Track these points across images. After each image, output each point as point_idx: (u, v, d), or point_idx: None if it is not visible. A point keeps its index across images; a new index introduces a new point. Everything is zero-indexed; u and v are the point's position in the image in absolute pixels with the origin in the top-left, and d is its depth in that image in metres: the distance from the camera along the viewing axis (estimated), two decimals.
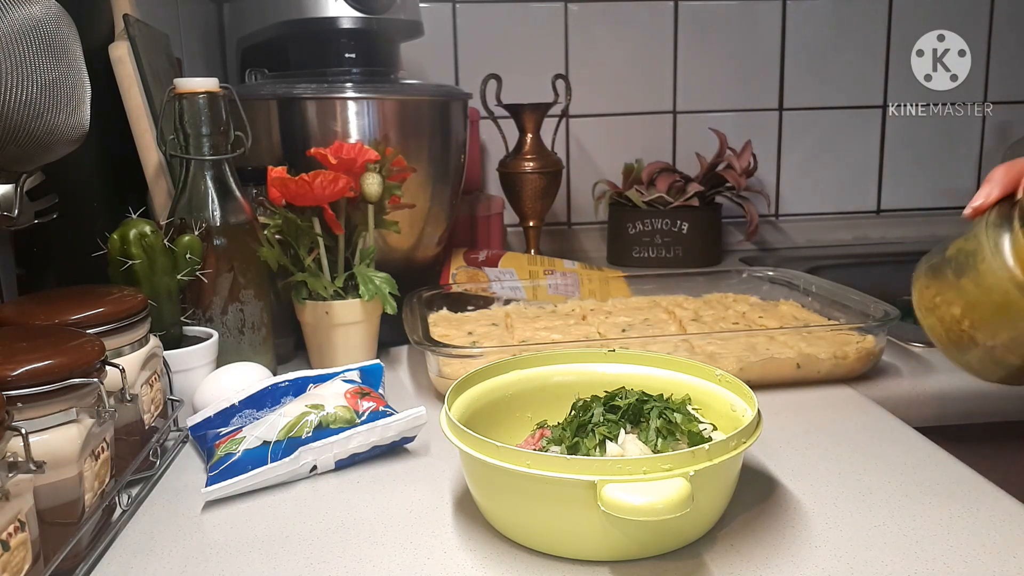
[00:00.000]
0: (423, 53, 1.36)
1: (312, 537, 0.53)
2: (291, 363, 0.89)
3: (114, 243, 0.69)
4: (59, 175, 0.65)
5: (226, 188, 0.78)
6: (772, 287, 1.02)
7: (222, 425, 0.66)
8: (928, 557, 0.49)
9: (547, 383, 0.64)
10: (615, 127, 1.48)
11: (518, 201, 1.29)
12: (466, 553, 0.51)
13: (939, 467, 0.61)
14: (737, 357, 0.78)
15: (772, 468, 0.61)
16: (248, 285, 0.79)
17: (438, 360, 0.77)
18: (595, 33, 1.46)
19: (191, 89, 0.76)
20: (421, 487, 0.60)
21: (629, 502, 0.44)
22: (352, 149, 0.81)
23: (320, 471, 0.62)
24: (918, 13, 1.49)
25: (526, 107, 1.25)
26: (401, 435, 0.65)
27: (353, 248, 0.85)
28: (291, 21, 1.00)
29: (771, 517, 0.54)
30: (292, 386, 0.70)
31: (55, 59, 0.57)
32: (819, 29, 1.50)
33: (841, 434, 0.68)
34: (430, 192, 0.99)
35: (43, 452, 0.46)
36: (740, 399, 0.57)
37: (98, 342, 0.52)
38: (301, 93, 0.91)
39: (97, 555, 0.51)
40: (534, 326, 0.89)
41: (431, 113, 0.99)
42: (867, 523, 0.53)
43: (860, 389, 0.79)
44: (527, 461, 0.47)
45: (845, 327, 0.82)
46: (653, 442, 0.52)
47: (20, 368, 0.46)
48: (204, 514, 0.57)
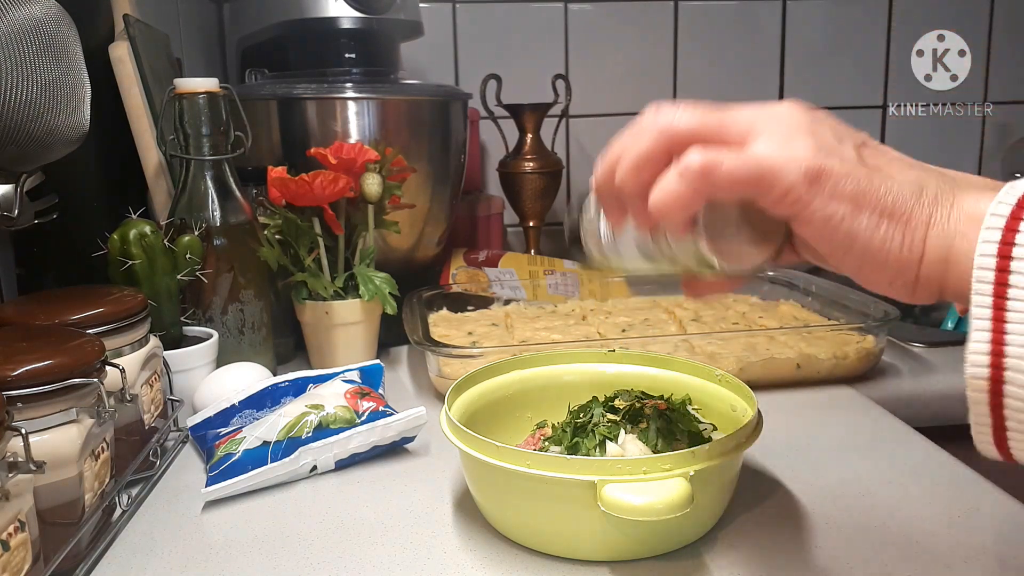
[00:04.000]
0: (423, 53, 1.36)
1: (312, 537, 0.53)
2: (291, 363, 0.89)
3: (114, 243, 0.69)
4: (59, 175, 0.65)
5: (226, 188, 0.78)
6: (772, 287, 1.02)
7: (222, 425, 0.66)
8: (928, 557, 0.49)
9: (547, 383, 0.64)
10: (615, 127, 1.47)
11: (518, 201, 1.29)
12: (466, 553, 0.51)
13: (939, 467, 0.61)
14: (737, 357, 0.78)
15: (772, 468, 0.61)
16: (248, 285, 0.79)
17: (438, 360, 0.77)
18: (595, 33, 1.46)
19: (191, 89, 0.76)
20: (421, 487, 0.60)
21: (629, 502, 0.44)
22: (352, 149, 0.81)
23: (320, 471, 0.62)
24: (918, 13, 1.49)
25: (526, 107, 1.25)
26: (401, 435, 0.65)
27: (353, 248, 0.85)
28: (291, 21, 1.00)
29: (771, 517, 0.54)
30: (292, 386, 0.70)
31: (55, 59, 0.57)
32: (819, 29, 1.50)
33: (841, 434, 0.68)
34: (430, 192, 0.99)
35: (43, 452, 0.45)
36: (740, 399, 0.57)
37: (98, 342, 0.52)
38: (301, 93, 0.91)
39: (97, 555, 0.51)
40: (534, 326, 0.89)
41: (431, 113, 0.99)
42: (867, 523, 0.53)
43: (860, 389, 0.79)
44: (527, 461, 0.47)
45: (845, 327, 0.82)
46: (653, 442, 0.52)
47: (20, 368, 0.46)
48: (204, 514, 0.57)
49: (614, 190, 0.39)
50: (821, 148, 0.35)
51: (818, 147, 0.35)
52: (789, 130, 0.35)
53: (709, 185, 0.35)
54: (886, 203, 0.34)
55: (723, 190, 0.36)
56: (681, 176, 0.36)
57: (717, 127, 0.36)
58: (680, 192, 0.36)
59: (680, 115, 0.37)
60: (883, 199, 0.34)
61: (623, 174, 0.38)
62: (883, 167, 0.35)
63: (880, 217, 0.34)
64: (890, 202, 0.34)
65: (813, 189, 0.34)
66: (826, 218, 0.34)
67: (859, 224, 0.34)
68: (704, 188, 0.36)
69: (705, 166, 0.35)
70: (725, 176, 0.35)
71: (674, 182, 0.36)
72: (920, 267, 0.34)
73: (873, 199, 0.34)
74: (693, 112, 0.37)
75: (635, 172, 0.38)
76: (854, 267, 0.36)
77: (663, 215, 0.37)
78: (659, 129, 0.37)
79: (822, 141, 0.35)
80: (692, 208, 0.37)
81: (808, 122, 0.36)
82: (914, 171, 0.35)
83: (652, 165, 0.37)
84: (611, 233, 0.44)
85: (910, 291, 0.36)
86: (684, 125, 0.37)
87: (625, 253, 0.43)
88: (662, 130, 0.37)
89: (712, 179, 0.35)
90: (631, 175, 0.38)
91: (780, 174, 0.34)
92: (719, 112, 0.37)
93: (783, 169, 0.34)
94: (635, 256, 0.43)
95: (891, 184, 0.34)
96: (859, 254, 0.35)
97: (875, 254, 0.35)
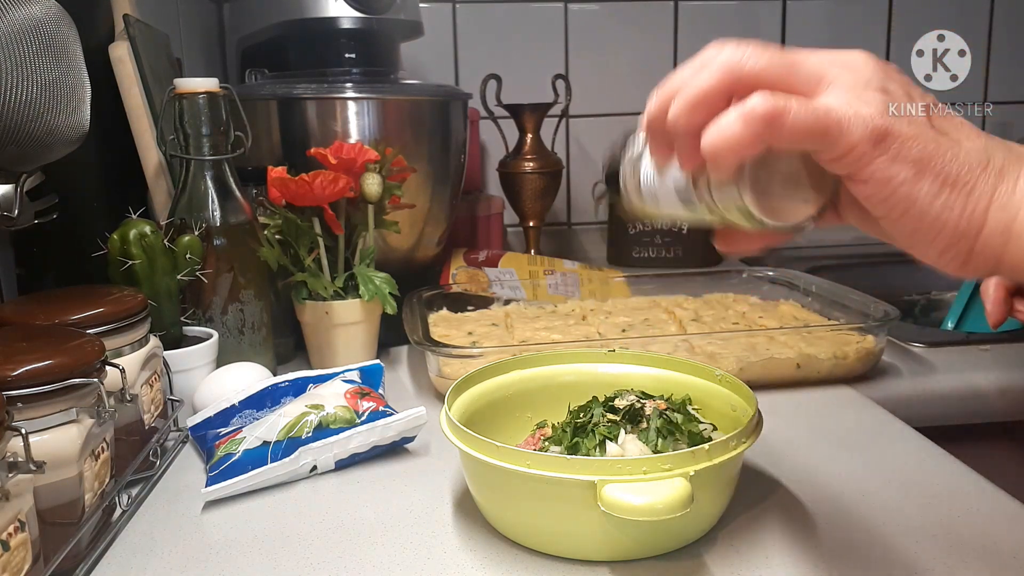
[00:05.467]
0: (423, 53, 1.36)
1: (312, 537, 0.53)
2: (291, 363, 0.89)
3: (114, 243, 0.69)
4: (59, 175, 0.65)
5: (226, 188, 0.78)
6: (772, 287, 1.02)
7: (222, 425, 0.66)
8: (928, 557, 0.49)
9: (547, 383, 0.64)
10: (615, 127, 1.48)
11: (518, 201, 1.29)
12: (466, 553, 0.51)
13: (939, 467, 0.61)
14: (737, 357, 0.78)
15: (772, 468, 0.61)
16: (248, 285, 0.79)
17: (438, 360, 0.77)
18: (595, 33, 1.46)
19: (191, 89, 0.75)
20: (421, 487, 0.60)
21: (629, 502, 0.44)
22: (352, 149, 0.81)
23: (320, 471, 0.62)
24: (918, 13, 1.49)
25: (526, 107, 1.25)
26: (401, 435, 0.65)
27: (353, 248, 0.85)
28: (291, 21, 1.00)
29: (771, 517, 0.54)
30: (292, 386, 0.70)
31: (55, 59, 0.57)
32: (819, 29, 1.50)
33: (841, 434, 0.68)
34: (430, 192, 0.99)
35: (43, 452, 0.45)
36: (740, 399, 0.57)
37: (98, 342, 0.52)
38: (301, 93, 0.91)
39: (97, 555, 0.51)
40: (534, 326, 0.89)
41: (431, 113, 0.99)
42: (867, 523, 0.53)
43: (860, 389, 0.79)
44: (527, 461, 0.47)
45: (845, 327, 0.82)
46: (653, 442, 0.52)
47: (20, 368, 0.46)
48: (204, 514, 0.57)
49: (665, 125, 0.37)
50: (891, 106, 0.33)
51: (888, 105, 0.33)
52: (861, 83, 0.34)
53: (771, 133, 0.33)
54: (951, 170, 0.33)
55: (785, 140, 0.34)
56: (743, 119, 0.34)
57: (786, 72, 0.35)
58: (739, 135, 0.34)
59: (748, 55, 0.35)
60: (948, 166, 0.33)
61: (678, 109, 0.36)
62: (951, 132, 0.34)
63: (943, 184, 0.33)
64: (955, 170, 0.33)
65: (878, 149, 0.33)
66: (886, 179, 0.33)
67: (920, 189, 0.33)
68: (765, 135, 0.34)
69: (771, 112, 0.33)
70: (790, 126, 0.33)
71: (735, 124, 0.34)
72: (977, 239, 0.33)
73: (938, 165, 0.33)
74: (762, 53, 0.35)
75: (691, 109, 0.36)
76: (907, 232, 0.34)
77: (715, 158, 0.35)
78: (724, 66, 0.35)
79: (894, 98, 0.34)
80: (748, 154, 0.35)
81: (881, 76, 0.34)
82: (982, 139, 0.34)
83: (710, 104, 0.35)
84: (653, 173, 0.42)
85: (961, 262, 0.34)
86: (751, 66, 0.35)
87: (663, 197, 0.42)
88: (727, 68, 0.35)
89: (776, 127, 0.33)
90: (686, 111, 0.36)
91: (847, 130, 0.33)
92: (789, 56, 0.35)
93: (851, 125, 0.33)
94: (673, 201, 0.41)
95: (958, 151, 0.33)
96: (915, 219, 0.34)
97: (932, 221, 0.33)
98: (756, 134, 0.34)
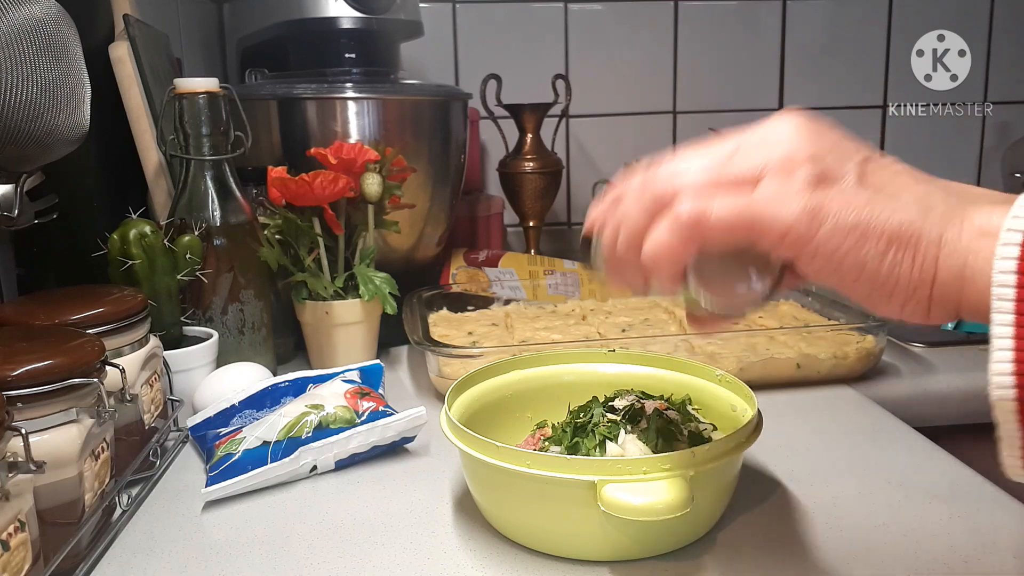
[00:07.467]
0: (423, 53, 1.36)
1: (312, 537, 0.53)
2: (291, 363, 0.89)
3: (114, 243, 0.69)
4: (59, 175, 0.65)
5: (226, 188, 0.78)
6: None
7: (222, 425, 0.66)
8: (928, 557, 0.49)
9: (547, 383, 0.64)
10: (615, 127, 1.48)
11: (518, 201, 1.29)
12: (466, 553, 0.51)
13: (939, 467, 0.61)
14: (737, 357, 0.78)
15: (772, 468, 0.61)
16: (248, 285, 0.79)
17: (438, 360, 0.77)
18: (595, 33, 1.46)
19: (191, 89, 0.76)
20: (421, 487, 0.60)
21: (629, 502, 0.44)
22: (352, 149, 0.81)
23: (320, 471, 0.62)
24: (918, 13, 1.49)
25: (526, 107, 1.25)
26: (401, 435, 0.65)
27: (353, 248, 0.85)
28: (291, 21, 1.00)
29: (771, 517, 0.54)
30: (292, 386, 0.70)
31: (55, 59, 0.57)
32: (819, 29, 1.50)
33: (841, 434, 0.68)
34: (430, 192, 0.99)
35: (43, 452, 0.45)
36: (740, 399, 0.57)
37: (98, 342, 0.52)
38: (301, 93, 0.91)
39: (97, 555, 0.51)
40: (534, 326, 0.89)
41: (431, 113, 0.99)
42: (867, 523, 0.53)
43: (860, 389, 0.79)
44: (527, 461, 0.47)
45: (845, 327, 0.82)
46: (653, 442, 0.52)
47: (20, 368, 0.46)
48: (204, 514, 0.57)
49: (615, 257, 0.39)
50: (820, 178, 0.33)
51: (816, 178, 0.33)
52: (788, 160, 0.34)
53: (700, 234, 0.34)
54: (891, 228, 0.33)
55: (716, 238, 0.35)
56: (669, 228, 0.35)
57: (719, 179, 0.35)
58: (670, 243, 0.35)
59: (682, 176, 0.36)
60: (887, 224, 0.33)
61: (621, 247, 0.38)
62: (887, 185, 0.34)
63: (888, 243, 0.33)
64: (895, 226, 0.33)
65: (813, 225, 0.33)
66: (829, 253, 0.33)
67: (867, 253, 0.33)
68: (695, 237, 0.35)
69: (693, 216, 0.34)
70: (715, 224, 0.34)
71: (663, 234, 0.35)
72: (933, 288, 0.33)
73: (878, 226, 0.33)
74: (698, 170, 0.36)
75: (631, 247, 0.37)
76: (864, 294, 0.34)
77: (655, 268, 0.36)
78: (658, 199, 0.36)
79: (822, 168, 0.34)
80: (683, 258, 0.36)
81: (810, 144, 0.34)
82: (920, 186, 0.34)
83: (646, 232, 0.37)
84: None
85: (924, 312, 0.34)
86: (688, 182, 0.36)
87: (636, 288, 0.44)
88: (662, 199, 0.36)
89: (701, 228, 0.34)
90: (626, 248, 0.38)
91: (777, 216, 0.33)
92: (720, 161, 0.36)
93: (779, 211, 0.33)
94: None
95: (896, 206, 0.33)
96: (868, 281, 0.33)
97: (885, 280, 0.33)
98: (686, 239, 0.35)
